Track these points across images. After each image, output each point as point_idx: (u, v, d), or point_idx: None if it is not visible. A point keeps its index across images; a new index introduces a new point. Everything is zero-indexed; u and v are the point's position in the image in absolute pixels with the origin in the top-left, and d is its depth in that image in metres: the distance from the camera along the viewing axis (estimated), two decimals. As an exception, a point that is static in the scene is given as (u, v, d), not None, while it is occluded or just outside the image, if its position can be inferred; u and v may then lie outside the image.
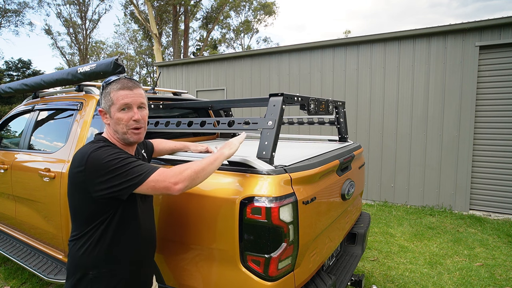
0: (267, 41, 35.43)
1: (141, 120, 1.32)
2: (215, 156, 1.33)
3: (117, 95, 1.28)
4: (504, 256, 3.60)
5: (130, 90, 1.29)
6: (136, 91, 1.31)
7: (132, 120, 1.29)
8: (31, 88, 2.99)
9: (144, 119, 1.34)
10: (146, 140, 1.77)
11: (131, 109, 1.30)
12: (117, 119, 1.28)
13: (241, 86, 7.24)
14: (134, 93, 1.30)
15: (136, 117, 1.29)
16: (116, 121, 1.29)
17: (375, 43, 5.70)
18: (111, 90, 1.29)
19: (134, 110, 1.30)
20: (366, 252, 3.70)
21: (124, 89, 1.28)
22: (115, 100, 1.28)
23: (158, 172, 1.18)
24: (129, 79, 1.33)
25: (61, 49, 31.58)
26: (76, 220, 1.29)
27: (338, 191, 2.01)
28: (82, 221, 1.26)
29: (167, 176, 1.17)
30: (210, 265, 1.55)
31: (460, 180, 5.18)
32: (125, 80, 1.31)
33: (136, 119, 1.30)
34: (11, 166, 2.81)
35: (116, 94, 1.28)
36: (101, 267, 1.27)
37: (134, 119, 1.29)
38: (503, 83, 4.87)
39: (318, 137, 3.20)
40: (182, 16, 22.38)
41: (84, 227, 1.26)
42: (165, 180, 1.16)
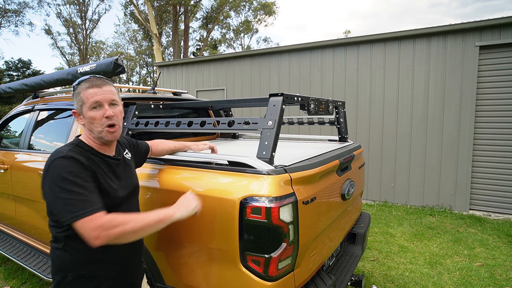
0: (267, 41, 35.46)
1: (113, 117, 1.29)
2: (161, 217, 1.25)
3: (87, 94, 1.26)
4: (504, 256, 3.60)
5: (99, 88, 1.28)
6: (105, 88, 1.29)
7: (104, 118, 1.27)
8: (31, 88, 2.99)
9: (117, 116, 1.32)
10: (140, 141, 1.74)
11: (102, 107, 1.28)
12: (90, 118, 1.27)
13: (241, 86, 7.24)
14: (103, 90, 1.28)
15: (107, 113, 1.27)
16: (89, 120, 1.27)
17: (375, 43, 5.70)
18: (81, 90, 1.27)
19: (105, 107, 1.28)
20: (366, 252, 3.70)
21: (93, 87, 1.27)
22: (85, 99, 1.26)
23: (88, 219, 1.11)
24: (98, 78, 1.31)
25: (61, 49, 31.61)
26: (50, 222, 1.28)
27: (338, 191, 2.01)
28: (54, 223, 1.26)
29: (93, 227, 1.11)
30: (210, 265, 1.55)
31: (460, 180, 5.18)
32: (94, 79, 1.30)
33: (108, 116, 1.27)
34: (11, 166, 2.81)
35: (85, 93, 1.26)
36: (79, 269, 1.25)
37: (106, 115, 1.27)
38: (503, 83, 4.87)
39: (318, 137, 3.21)
40: (182, 16, 22.38)
41: (57, 229, 1.25)
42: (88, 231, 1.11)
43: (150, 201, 1.74)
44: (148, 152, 1.75)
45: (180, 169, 1.72)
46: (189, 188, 1.60)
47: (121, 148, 1.51)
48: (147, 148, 1.75)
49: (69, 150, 1.23)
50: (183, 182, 1.65)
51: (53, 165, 1.18)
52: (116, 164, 1.40)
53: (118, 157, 1.43)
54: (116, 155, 1.43)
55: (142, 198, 1.76)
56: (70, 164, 1.18)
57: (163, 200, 1.70)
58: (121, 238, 1.15)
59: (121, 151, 1.49)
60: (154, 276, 1.75)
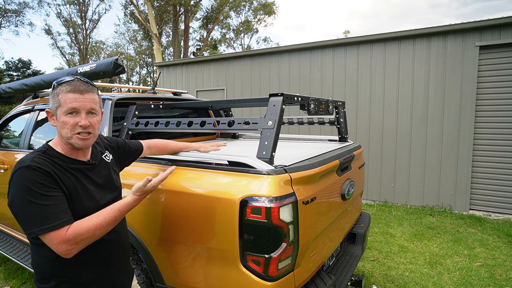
0: (267, 41, 35.47)
1: (89, 127, 1.22)
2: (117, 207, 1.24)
3: (65, 98, 1.19)
4: (504, 256, 3.60)
5: (80, 94, 1.20)
6: (87, 96, 1.22)
7: (78, 125, 1.20)
8: (31, 88, 2.99)
9: (93, 125, 1.24)
10: (132, 140, 1.71)
11: (78, 114, 1.20)
12: (62, 123, 1.19)
13: (241, 86, 7.24)
14: (84, 97, 1.21)
15: (82, 122, 1.20)
16: (61, 125, 1.20)
17: (375, 43, 5.70)
18: (60, 92, 1.20)
19: (82, 115, 1.20)
20: (366, 252, 3.70)
21: (75, 92, 1.19)
22: (62, 103, 1.19)
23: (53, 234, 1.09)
24: (83, 82, 1.24)
25: (61, 49, 31.62)
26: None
27: (338, 191, 2.01)
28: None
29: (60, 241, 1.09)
30: (210, 265, 1.55)
31: (460, 180, 5.18)
32: (78, 83, 1.22)
33: (82, 125, 1.20)
34: (11, 166, 2.81)
35: (64, 96, 1.19)
36: (60, 276, 1.23)
37: (80, 124, 1.20)
38: (503, 83, 4.87)
39: (318, 137, 3.21)
40: (182, 16, 22.38)
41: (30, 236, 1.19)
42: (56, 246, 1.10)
43: (150, 201, 1.74)
44: (139, 151, 1.71)
45: (181, 169, 1.72)
46: (189, 188, 1.61)
47: (99, 151, 1.44)
48: (139, 147, 1.71)
49: (33, 159, 1.16)
50: (183, 182, 1.65)
51: (16, 175, 1.13)
52: (90, 169, 1.33)
53: (92, 161, 1.35)
54: (92, 159, 1.35)
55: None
56: (33, 173, 1.12)
57: (163, 200, 1.70)
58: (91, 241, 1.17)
59: (98, 155, 1.42)
60: (154, 276, 1.75)
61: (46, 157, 1.21)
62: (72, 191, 1.22)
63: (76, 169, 1.27)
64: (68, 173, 1.23)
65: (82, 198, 1.25)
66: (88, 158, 1.34)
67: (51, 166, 1.18)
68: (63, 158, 1.25)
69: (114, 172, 1.49)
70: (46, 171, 1.15)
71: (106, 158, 1.47)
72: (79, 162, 1.30)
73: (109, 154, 1.51)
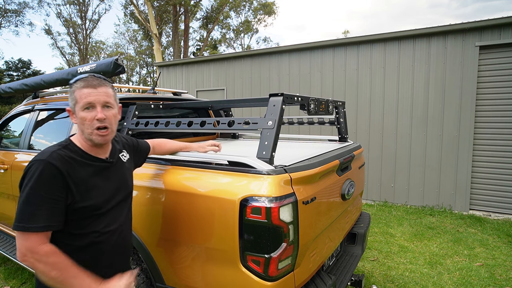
0: (267, 41, 35.46)
1: (105, 120, 1.25)
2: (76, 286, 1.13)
3: (80, 94, 1.23)
4: (504, 256, 3.60)
5: (94, 88, 1.24)
6: (100, 90, 1.25)
7: (95, 120, 1.23)
8: (31, 88, 2.99)
9: (109, 119, 1.27)
10: (141, 140, 1.73)
11: (94, 108, 1.24)
12: (81, 119, 1.24)
13: (241, 86, 7.24)
14: (98, 91, 1.24)
15: (99, 116, 1.23)
16: (81, 121, 1.24)
17: (375, 43, 5.70)
18: (76, 89, 1.24)
19: (98, 109, 1.24)
20: (366, 252, 3.70)
21: (88, 87, 1.24)
22: (78, 99, 1.23)
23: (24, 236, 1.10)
24: (95, 78, 1.27)
25: (61, 49, 31.62)
26: None
27: (338, 191, 2.01)
28: None
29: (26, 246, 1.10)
30: (210, 265, 1.55)
31: (460, 180, 5.18)
32: (91, 78, 1.26)
33: (99, 118, 1.23)
34: (11, 166, 2.81)
35: (79, 92, 1.23)
36: None
37: (97, 118, 1.23)
38: (503, 83, 4.87)
39: (318, 137, 3.21)
40: (182, 16, 22.38)
41: None
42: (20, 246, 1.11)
43: (150, 201, 1.74)
44: (148, 151, 1.73)
45: (181, 169, 1.72)
46: (189, 188, 1.61)
47: (117, 149, 1.46)
48: (148, 147, 1.73)
49: (52, 154, 1.19)
50: (183, 182, 1.65)
51: (31, 166, 1.17)
52: (107, 167, 1.35)
53: (110, 159, 1.37)
54: (110, 157, 1.38)
55: (142, 198, 1.76)
56: (45, 170, 1.15)
57: (163, 200, 1.70)
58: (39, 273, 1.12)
59: (116, 153, 1.44)
60: (154, 276, 1.75)
61: (65, 152, 1.23)
62: (83, 186, 1.23)
63: (93, 165, 1.30)
64: (83, 169, 1.26)
65: (93, 195, 1.26)
66: (107, 155, 1.37)
67: (66, 163, 1.21)
68: (82, 153, 1.28)
69: (129, 171, 1.51)
70: (58, 170, 1.17)
71: (123, 157, 1.49)
72: (98, 160, 1.32)
73: (126, 153, 1.53)
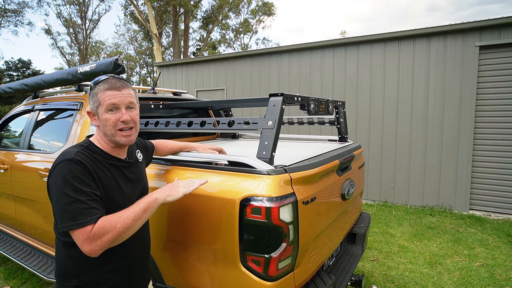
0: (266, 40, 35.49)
1: (130, 121, 1.26)
2: (146, 205, 1.21)
3: (104, 96, 1.23)
4: (504, 256, 3.60)
5: (117, 91, 1.24)
6: (124, 91, 1.26)
7: (120, 121, 1.24)
8: (31, 88, 2.99)
9: (134, 119, 1.29)
10: (147, 141, 1.75)
11: (119, 110, 1.24)
12: (105, 120, 1.23)
13: (241, 86, 7.24)
14: (122, 93, 1.25)
15: (124, 118, 1.24)
16: (104, 123, 1.24)
17: (375, 43, 5.70)
18: (98, 91, 1.24)
19: (122, 110, 1.25)
20: (366, 252, 3.70)
21: (112, 89, 1.23)
22: (102, 101, 1.23)
23: (80, 231, 1.10)
24: (118, 79, 1.27)
25: (61, 49, 31.59)
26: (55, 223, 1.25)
27: (338, 191, 2.01)
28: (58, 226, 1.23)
29: (84, 239, 1.10)
30: (210, 265, 1.55)
31: (460, 180, 5.18)
32: (113, 80, 1.26)
33: (124, 120, 1.24)
34: (11, 166, 2.81)
35: (103, 94, 1.23)
36: (83, 276, 1.22)
37: (122, 120, 1.24)
38: (503, 83, 4.87)
39: (318, 137, 3.20)
40: (182, 16, 22.38)
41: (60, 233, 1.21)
42: (81, 243, 1.10)
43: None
44: (153, 152, 1.76)
45: (181, 169, 1.72)
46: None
47: (133, 149, 1.49)
48: (153, 147, 1.76)
49: (77, 153, 1.20)
50: (183, 182, 1.64)
51: (59, 167, 1.16)
52: (126, 167, 1.37)
53: (129, 160, 1.40)
54: (128, 157, 1.40)
55: (142, 198, 1.76)
56: (75, 167, 1.15)
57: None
58: (117, 241, 1.13)
59: (133, 153, 1.47)
60: (154, 276, 1.76)
61: (87, 152, 1.24)
62: (107, 187, 1.24)
63: (114, 165, 1.31)
64: (106, 169, 1.27)
65: (116, 195, 1.28)
66: (125, 156, 1.39)
67: (91, 162, 1.22)
68: (103, 154, 1.29)
69: (144, 170, 1.55)
70: (87, 167, 1.18)
71: (139, 157, 1.52)
72: (117, 160, 1.34)
73: (140, 152, 1.56)
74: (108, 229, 1.11)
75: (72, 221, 1.10)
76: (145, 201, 1.22)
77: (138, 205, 1.21)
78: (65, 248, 1.22)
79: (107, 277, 1.26)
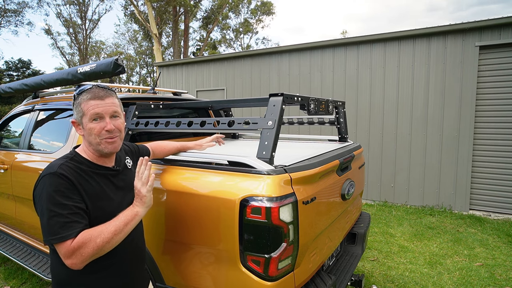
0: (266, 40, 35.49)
1: (114, 130, 1.26)
2: (128, 218, 1.21)
3: (88, 106, 1.22)
4: (504, 256, 3.60)
5: (101, 100, 1.24)
6: (107, 100, 1.25)
7: (104, 130, 1.24)
8: (31, 88, 2.99)
9: (118, 128, 1.29)
10: (141, 144, 1.73)
11: (103, 119, 1.24)
12: (89, 130, 1.23)
13: (241, 86, 7.24)
14: (105, 102, 1.24)
15: (108, 127, 1.24)
16: (88, 132, 1.24)
17: (375, 43, 5.70)
18: (82, 101, 1.23)
19: (107, 120, 1.25)
20: (366, 252, 3.70)
21: (95, 99, 1.23)
22: (85, 111, 1.23)
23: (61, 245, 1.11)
24: (101, 88, 1.27)
25: (61, 49, 31.60)
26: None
27: (338, 191, 2.01)
28: None
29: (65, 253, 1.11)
30: (210, 265, 1.55)
31: (460, 180, 5.18)
32: (97, 90, 1.25)
33: (108, 129, 1.24)
34: (11, 166, 2.81)
35: (86, 104, 1.23)
36: (79, 283, 1.23)
37: (107, 129, 1.24)
38: (503, 83, 4.87)
39: (318, 137, 3.20)
40: (182, 16, 22.37)
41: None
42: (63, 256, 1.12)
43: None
44: (149, 156, 1.74)
45: (180, 169, 1.72)
46: (189, 188, 1.60)
47: (121, 156, 1.47)
48: (148, 151, 1.74)
49: (60, 166, 1.19)
50: (183, 182, 1.65)
51: (43, 181, 1.17)
52: (115, 175, 1.36)
53: (117, 167, 1.38)
54: (116, 165, 1.38)
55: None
56: (57, 181, 1.15)
57: (162, 200, 1.70)
58: (98, 254, 1.14)
59: (121, 160, 1.45)
60: (154, 276, 1.75)
61: (72, 164, 1.24)
62: (94, 197, 1.24)
63: (101, 174, 1.30)
64: (92, 179, 1.26)
65: (104, 204, 1.27)
66: (112, 164, 1.37)
67: (75, 174, 1.21)
68: (89, 164, 1.28)
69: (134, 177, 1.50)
70: (69, 180, 1.18)
71: (128, 164, 1.50)
72: (105, 168, 1.33)
73: (130, 159, 1.54)
74: (87, 243, 1.11)
75: (52, 235, 1.11)
76: (126, 215, 1.22)
77: (119, 219, 1.20)
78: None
79: (103, 282, 1.27)
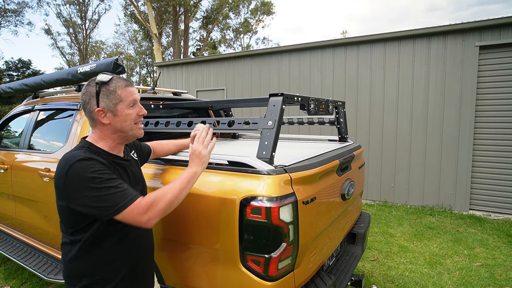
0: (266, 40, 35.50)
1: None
2: (189, 176, 1.30)
3: (126, 92, 1.28)
4: (504, 256, 3.60)
5: (133, 87, 1.33)
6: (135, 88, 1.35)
7: (138, 115, 1.33)
8: (31, 88, 2.99)
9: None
10: (142, 142, 1.74)
11: (136, 105, 1.33)
12: (126, 116, 1.28)
13: (241, 86, 7.24)
14: (136, 89, 1.34)
15: (143, 111, 1.34)
16: (124, 118, 1.28)
17: (375, 43, 5.70)
18: (117, 88, 1.27)
19: (139, 105, 1.34)
20: (366, 252, 3.70)
21: (130, 86, 1.32)
22: (124, 97, 1.27)
23: (131, 208, 1.14)
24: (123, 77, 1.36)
25: (61, 49, 31.59)
26: (62, 226, 1.27)
27: (338, 191, 2.01)
28: (67, 228, 1.24)
29: (140, 212, 1.14)
30: (210, 265, 1.55)
31: (460, 180, 5.18)
32: (124, 78, 1.33)
33: (143, 114, 1.34)
34: (11, 166, 2.81)
35: (124, 91, 1.28)
36: (94, 274, 1.24)
37: (141, 113, 1.34)
38: (503, 83, 4.87)
39: (318, 137, 3.20)
40: (182, 16, 22.37)
41: (70, 234, 1.24)
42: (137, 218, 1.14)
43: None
44: (150, 154, 1.75)
45: (181, 169, 1.72)
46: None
47: (128, 149, 1.51)
48: (149, 149, 1.75)
49: (85, 152, 1.21)
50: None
51: (72, 170, 1.14)
52: (127, 165, 1.40)
53: (127, 158, 1.43)
54: (125, 156, 1.42)
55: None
56: (91, 163, 1.16)
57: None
58: (168, 210, 1.21)
59: (128, 152, 1.49)
60: (156, 278, 1.75)
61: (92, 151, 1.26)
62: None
63: (118, 163, 1.34)
64: (112, 166, 1.28)
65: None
66: (122, 154, 1.41)
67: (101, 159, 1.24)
68: (106, 153, 1.30)
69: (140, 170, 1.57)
70: (100, 162, 1.21)
71: (134, 155, 1.55)
72: (118, 158, 1.36)
73: (135, 152, 1.59)
74: (159, 199, 1.18)
75: (119, 203, 1.13)
76: (186, 174, 1.30)
77: (181, 177, 1.28)
78: (74, 248, 1.23)
79: (117, 272, 1.28)
